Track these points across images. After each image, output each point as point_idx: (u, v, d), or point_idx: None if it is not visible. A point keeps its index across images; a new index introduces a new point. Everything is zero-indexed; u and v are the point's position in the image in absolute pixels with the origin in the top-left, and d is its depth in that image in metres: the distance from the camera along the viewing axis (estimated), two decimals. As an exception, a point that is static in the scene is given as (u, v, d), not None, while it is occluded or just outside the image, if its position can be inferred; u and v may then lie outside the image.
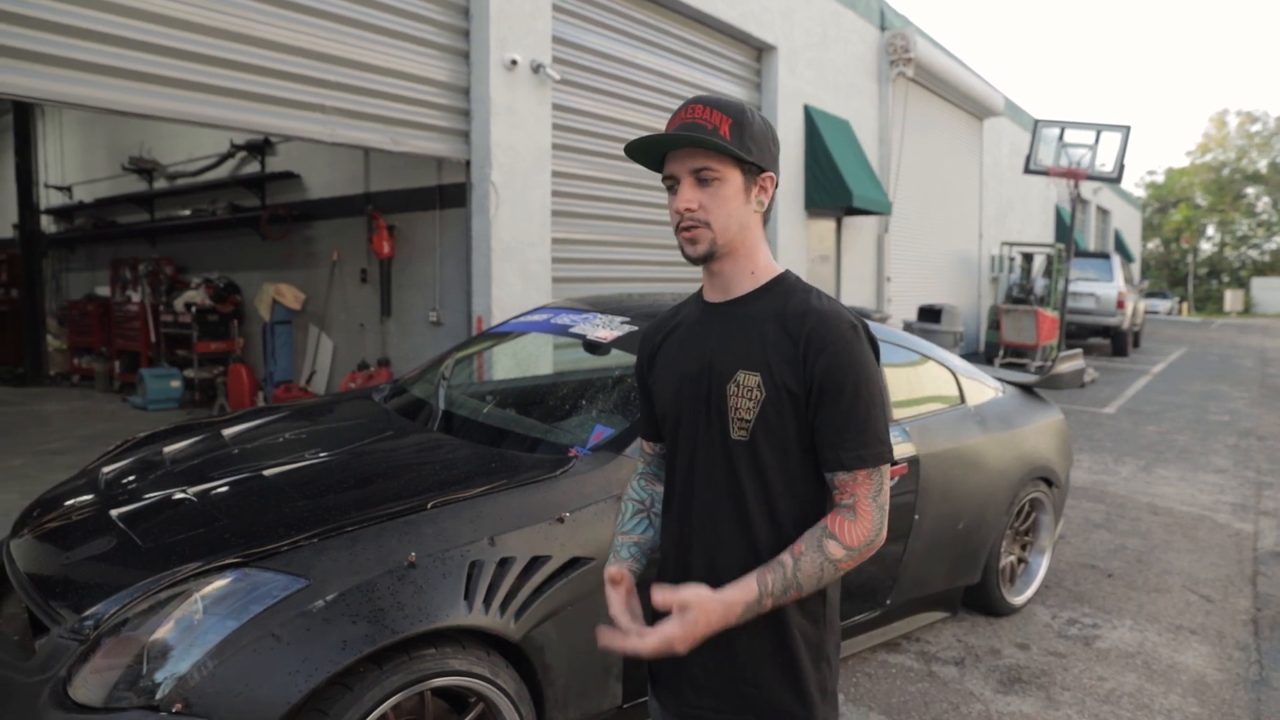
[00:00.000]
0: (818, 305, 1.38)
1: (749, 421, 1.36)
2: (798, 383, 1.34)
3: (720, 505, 1.40)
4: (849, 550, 1.31)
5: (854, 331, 1.35)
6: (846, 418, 1.32)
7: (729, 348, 1.40)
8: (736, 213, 1.38)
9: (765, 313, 1.40)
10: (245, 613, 1.86)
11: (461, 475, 2.42)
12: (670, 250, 8.18)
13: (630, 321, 3.14)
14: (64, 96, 4.15)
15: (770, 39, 9.22)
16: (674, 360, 1.49)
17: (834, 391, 1.32)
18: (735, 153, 1.34)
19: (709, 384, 1.41)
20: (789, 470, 1.37)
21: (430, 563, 2.04)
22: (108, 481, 2.65)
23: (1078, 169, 11.49)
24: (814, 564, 1.30)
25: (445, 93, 6.03)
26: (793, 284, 1.44)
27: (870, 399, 1.33)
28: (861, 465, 1.32)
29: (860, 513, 1.33)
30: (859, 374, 1.33)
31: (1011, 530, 3.97)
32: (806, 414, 1.35)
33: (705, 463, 1.42)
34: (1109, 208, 29.03)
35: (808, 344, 1.34)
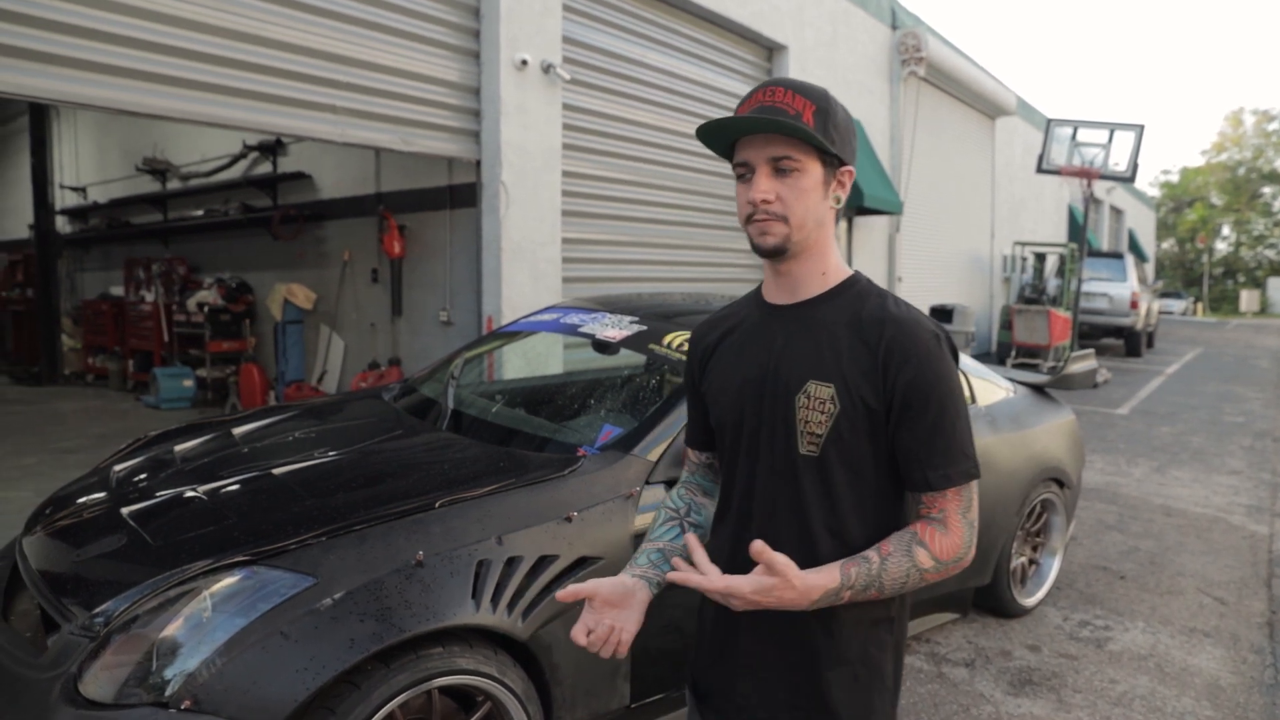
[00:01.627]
0: (896, 312, 1.28)
1: (820, 436, 1.26)
2: (876, 397, 1.25)
3: (782, 525, 1.31)
4: (937, 562, 1.24)
5: (937, 341, 1.26)
6: (932, 434, 1.24)
7: (798, 355, 1.30)
8: (814, 207, 1.27)
9: (839, 318, 1.30)
10: (254, 610, 1.87)
11: (470, 474, 2.43)
12: (680, 250, 8.19)
13: (639, 321, 3.14)
14: (77, 97, 4.18)
15: (781, 38, 9.20)
16: (733, 366, 1.38)
17: (919, 407, 1.24)
18: (820, 141, 1.23)
19: (775, 394, 1.31)
20: (861, 490, 1.28)
21: (438, 562, 2.04)
22: (119, 480, 2.66)
23: (1091, 168, 11.42)
24: (900, 568, 1.23)
25: (455, 93, 6.04)
26: (866, 287, 1.34)
27: (956, 413, 1.25)
28: (950, 484, 1.25)
29: (951, 527, 1.25)
30: (944, 387, 1.25)
31: (1022, 531, 3.95)
32: (886, 430, 1.26)
33: (767, 478, 1.32)
34: (1123, 207, 28.84)
35: (888, 354, 1.24)
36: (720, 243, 8.77)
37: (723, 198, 8.71)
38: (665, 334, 2.99)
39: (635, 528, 2.40)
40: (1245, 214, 56.64)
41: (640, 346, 3.00)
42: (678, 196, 8.08)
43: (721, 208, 8.71)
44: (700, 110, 8.30)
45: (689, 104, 8.17)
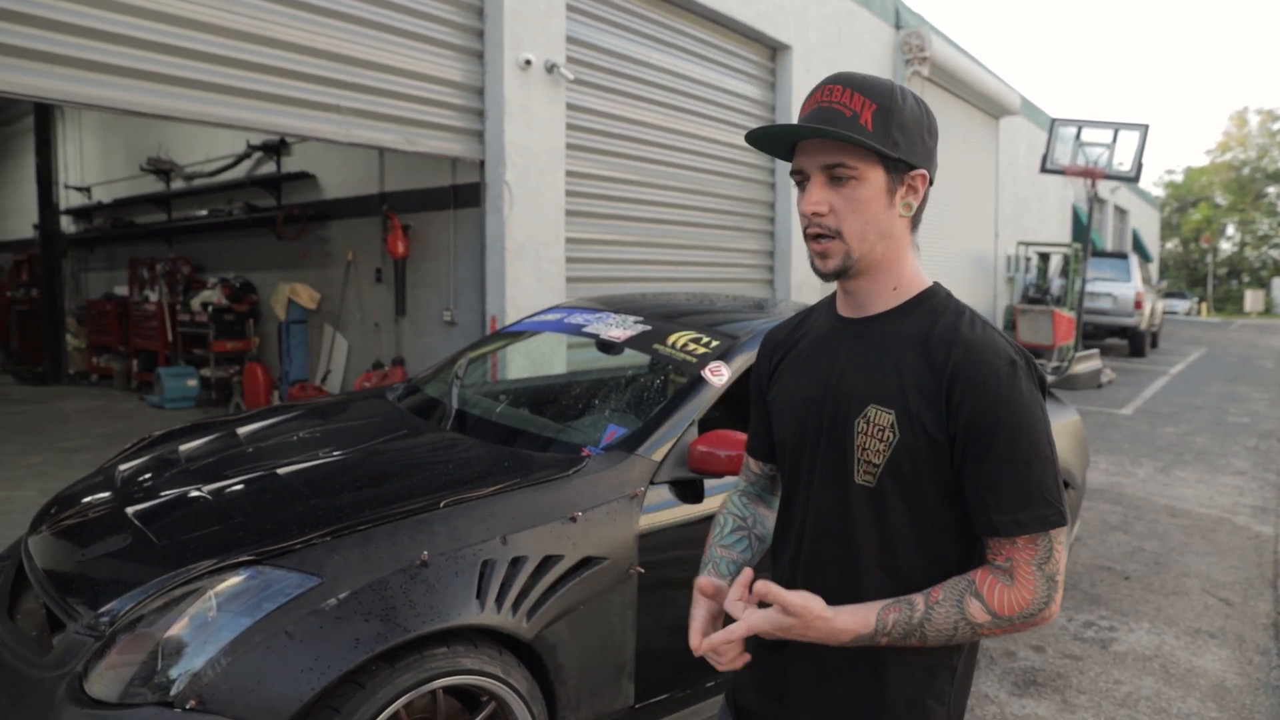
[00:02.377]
0: (968, 334, 1.15)
1: (877, 466, 1.16)
2: (939, 427, 1.12)
3: (829, 556, 1.22)
4: (996, 618, 1.10)
5: (1011, 369, 1.12)
6: (1000, 473, 1.10)
7: (859, 375, 1.20)
8: (876, 219, 1.16)
9: (906, 336, 1.18)
10: (258, 610, 1.87)
11: (474, 474, 2.43)
12: (684, 250, 8.18)
13: (643, 321, 3.14)
14: (82, 98, 4.19)
15: (785, 38, 9.19)
16: (797, 381, 1.29)
17: (985, 441, 1.10)
18: (875, 147, 1.13)
19: (833, 416, 1.21)
20: (921, 527, 1.17)
21: (443, 561, 2.04)
22: (124, 479, 2.66)
23: (1095, 168, 11.41)
24: (947, 620, 1.11)
25: (459, 93, 6.04)
26: (942, 301, 1.22)
27: (1033, 451, 1.10)
28: (1021, 531, 1.10)
29: (1019, 579, 1.11)
30: (1016, 420, 1.10)
31: (1027, 532, 3.93)
32: (951, 464, 1.14)
33: (820, 506, 1.23)
34: (1127, 207, 28.80)
35: (953, 380, 1.12)
36: (725, 242, 8.76)
37: (727, 197, 8.70)
38: (669, 334, 2.99)
39: (640, 528, 2.39)
40: (1250, 214, 56.50)
41: (644, 347, 3.00)
42: (682, 196, 8.08)
43: (726, 207, 8.71)
44: (704, 110, 8.30)
45: (693, 104, 8.16)
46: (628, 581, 2.35)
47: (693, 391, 2.69)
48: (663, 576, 2.45)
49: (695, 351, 2.85)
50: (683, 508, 2.52)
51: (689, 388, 2.71)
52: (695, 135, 8.21)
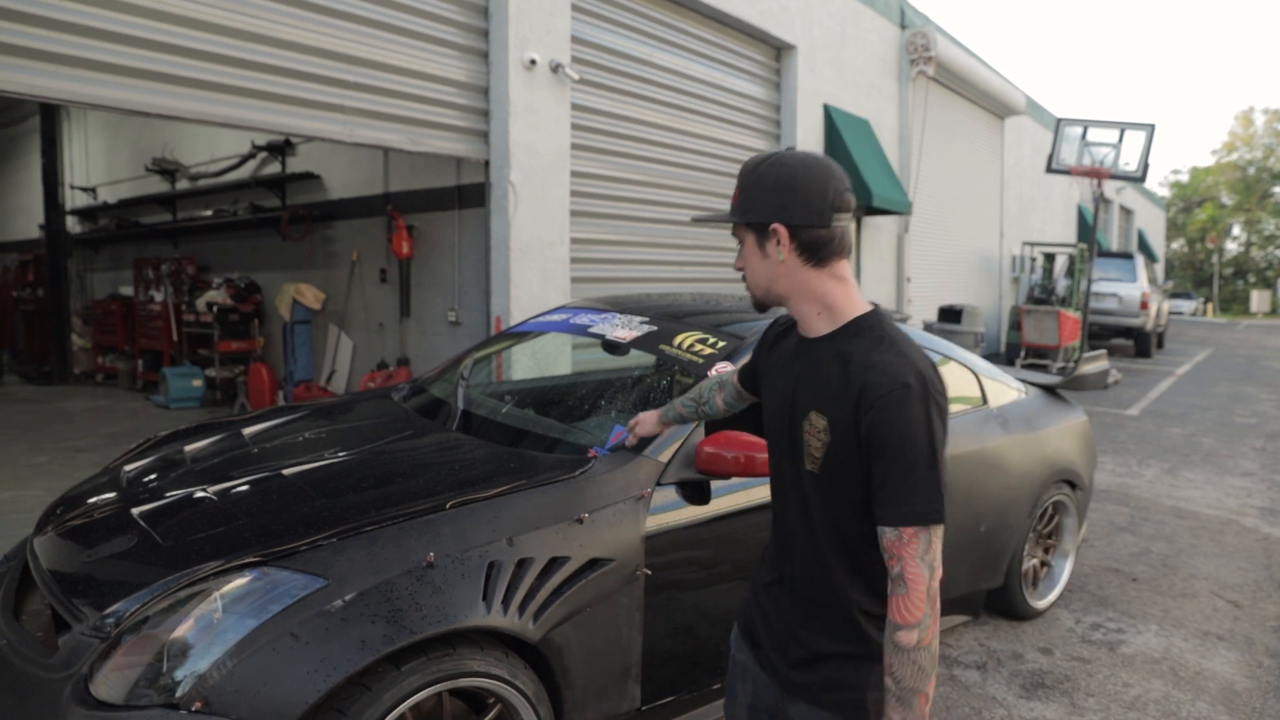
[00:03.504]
0: (877, 358, 1.37)
1: (818, 459, 1.42)
2: (853, 434, 1.37)
3: (797, 522, 1.52)
4: (916, 626, 1.30)
5: (905, 390, 1.33)
6: (888, 475, 1.32)
7: (806, 385, 1.47)
8: (758, 269, 1.49)
9: (836, 356, 1.42)
10: (264, 612, 1.86)
11: (480, 475, 2.42)
12: (689, 250, 8.18)
13: (649, 322, 3.13)
14: (86, 98, 4.19)
15: (789, 38, 9.18)
16: (776, 382, 1.59)
17: (878, 448, 1.33)
18: (735, 219, 1.50)
19: (790, 415, 1.50)
20: (855, 502, 1.40)
21: (449, 563, 2.03)
22: (129, 480, 2.66)
23: (1101, 168, 11.36)
24: (904, 665, 1.30)
25: (464, 93, 6.03)
26: (870, 328, 1.44)
27: (915, 458, 1.31)
28: (903, 523, 1.31)
29: (909, 579, 1.30)
30: (904, 432, 1.31)
31: (1034, 533, 3.92)
32: (865, 464, 1.37)
33: (786, 483, 1.54)
34: (1132, 207, 28.73)
35: (859, 398, 1.35)
36: (730, 243, 8.73)
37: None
38: (676, 335, 2.98)
39: (647, 529, 2.39)
40: (1256, 214, 56.31)
41: (651, 347, 2.99)
42: (687, 197, 8.07)
43: (730, 208, 8.67)
44: (709, 110, 8.29)
45: (698, 104, 8.15)
46: (634, 583, 2.34)
47: (699, 392, 2.67)
48: (670, 578, 2.44)
49: (702, 352, 2.84)
50: (689, 509, 2.51)
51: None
52: (700, 135, 8.20)
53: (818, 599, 1.50)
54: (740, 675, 1.68)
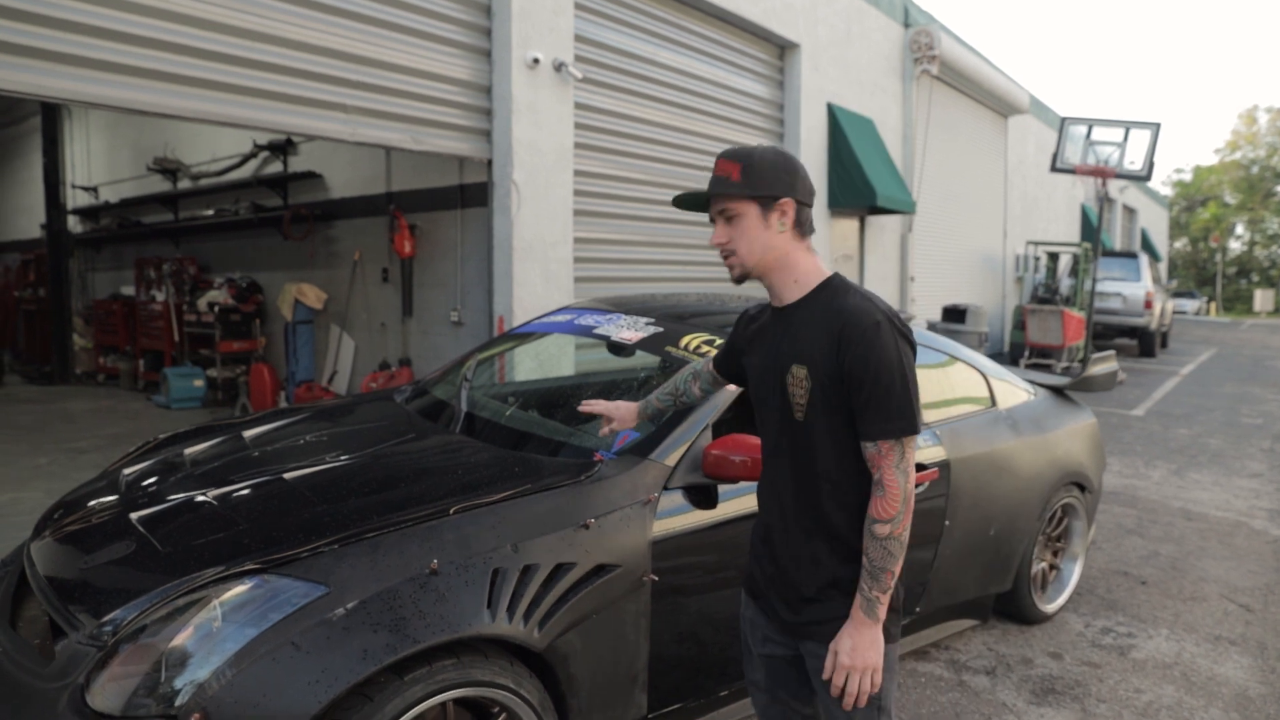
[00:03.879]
0: (849, 304, 1.66)
1: (803, 406, 1.69)
2: (836, 373, 1.64)
3: (788, 467, 1.77)
4: (890, 520, 1.62)
5: (876, 327, 1.62)
6: (869, 399, 1.62)
7: (785, 346, 1.73)
8: (759, 238, 1.70)
9: (811, 315, 1.70)
10: (264, 620, 1.82)
11: (484, 479, 2.38)
12: (693, 250, 8.14)
13: (655, 323, 3.09)
14: (86, 96, 4.15)
15: (793, 36, 9.13)
16: (757, 354, 1.84)
17: (859, 377, 1.61)
18: (740, 192, 1.68)
19: (775, 375, 1.75)
20: (839, 442, 1.68)
21: (453, 570, 2.00)
22: (128, 483, 2.62)
23: (1106, 167, 11.31)
24: (876, 549, 1.64)
25: (467, 91, 5.99)
26: (836, 287, 1.72)
27: (890, 382, 1.61)
28: (884, 437, 1.62)
29: (887, 484, 1.62)
30: (879, 361, 1.60)
31: (1043, 536, 3.88)
32: (846, 398, 1.65)
33: (777, 436, 1.78)
34: (1135, 206, 28.64)
35: (839, 340, 1.63)
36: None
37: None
38: (682, 336, 2.94)
39: (653, 534, 2.35)
40: (1259, 212, 56.12)
41: (656, 348, 2.95)
42: (690, 196, 8.01)
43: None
44: (713, 109, 8.25)
45: (702, 103, 8.11)
46: (641, 590, 2.31)
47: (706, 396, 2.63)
48: (676, 584, 2.40)
49: (708, 354, 2.79)
50: (696, 514, 2.47)
51: (702, 391, 2.65)
52: (704, 134, 8.15)
53: (807, 533, 1.75)
54: (750, 629, 1.93)
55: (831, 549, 1.73)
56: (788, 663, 1.87)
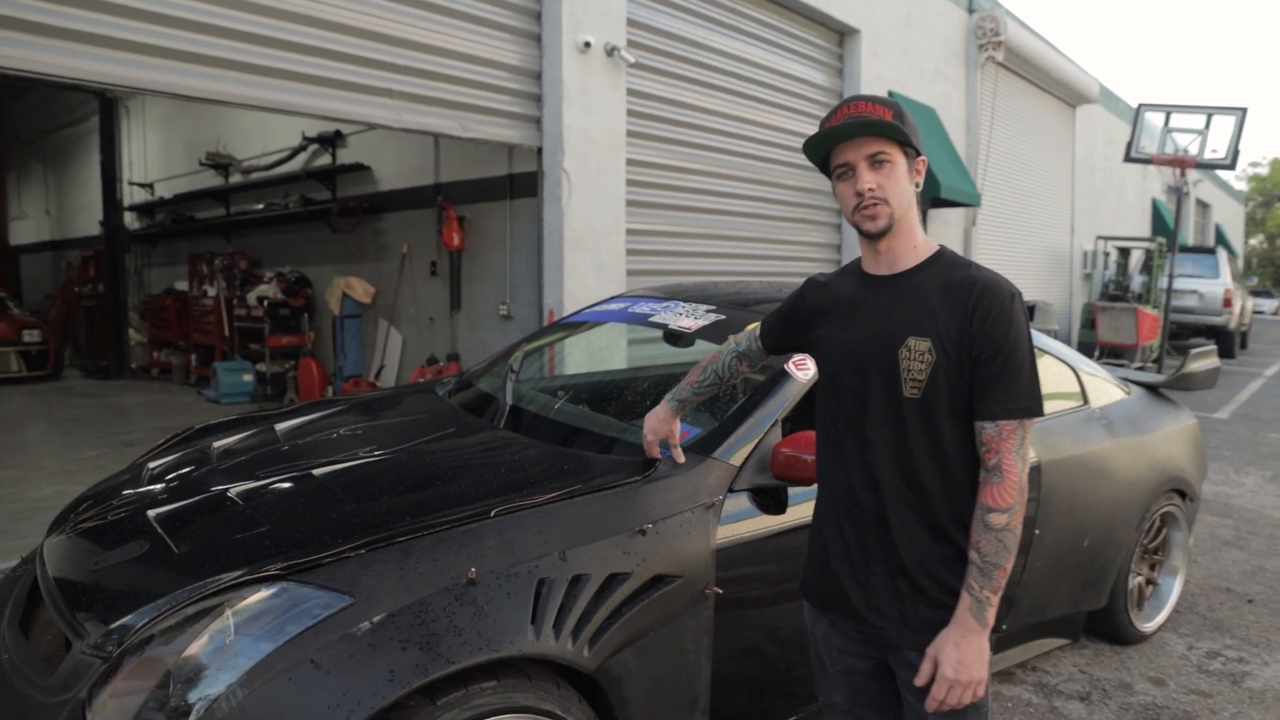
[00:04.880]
0: (980, 275, 1.54)
1: (921, 382, 1.52)
2: (963, 345, 1.50)
3: (887, 452, 1.56)
4: (1006, 510, 1.47)
5: (1011, 299, 1.51)
6: (998, 374, 1.48)
7: (900, 316, 1.56)
8: (906, 191, 1.56)
9: (931, 284, 1.55)
10: (281, 634, 1.62)
11: (530, 479, 2.15)
12: (751, 243, 7.85)
13: (716, 310, 2.84)
14: (129, 81, 4.04)
15: (853, 21, 8.78)
16: (845, 327, 1.64)
17: (992, 351, 1.48)
18: (907, 136, 1.53)
19: (880, 348, 1.56)
20: (959, 425, 1.53)
21: (493, 580, 1.77)
22: (151, 478, 2.45)
23: (1185, 156, 10.71)
24: (990, 542, 1.47)
25: (516, 77, 5.80)
26: (952, 258, 1.60)
27: (1021, 359, 1.49)
28: (1007, 416, 1.48)
29: (1005, 469, 1.47)
30: (1016, 335, 1.49)
31: (1140, 548, 3.53)
32: (969, 372, 1.51)
33: (877, 417, 1.57)
34: (1209, 201, 27.45)
35: (973, 310, 1.49)
36: (792, 235, 8.40)
37: (795, 189, 8.33)
38: (746, 324, 2.68)
39: (717, 541, 2.09)
40: (1339, 209, 53.63)
41: (718, 338, 2.68)
42: (748, 187, 7.74)
43: (793, 199, 8.34)
44: (769, 97, 7.95)
45: (758, 90, 7.81)
46: (703, 603, 2.06)
47: (775, 387, 2.38)
48: (742, 597, 2.15)
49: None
50: (764, 519, 2.22)
51: (771, 383, 2.40)
52: (760, 123, 7.85)
53: (906, 526, 1.55)
54: (824, 646, 1.73)
55: (935, 544, 1.55)
56: (870, 676, 1.67)
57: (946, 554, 1.55)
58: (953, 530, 1.54)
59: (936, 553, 1.55)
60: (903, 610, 1.57)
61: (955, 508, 1.54)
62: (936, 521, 1.55)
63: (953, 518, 1.54)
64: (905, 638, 1.57)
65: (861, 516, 1.60)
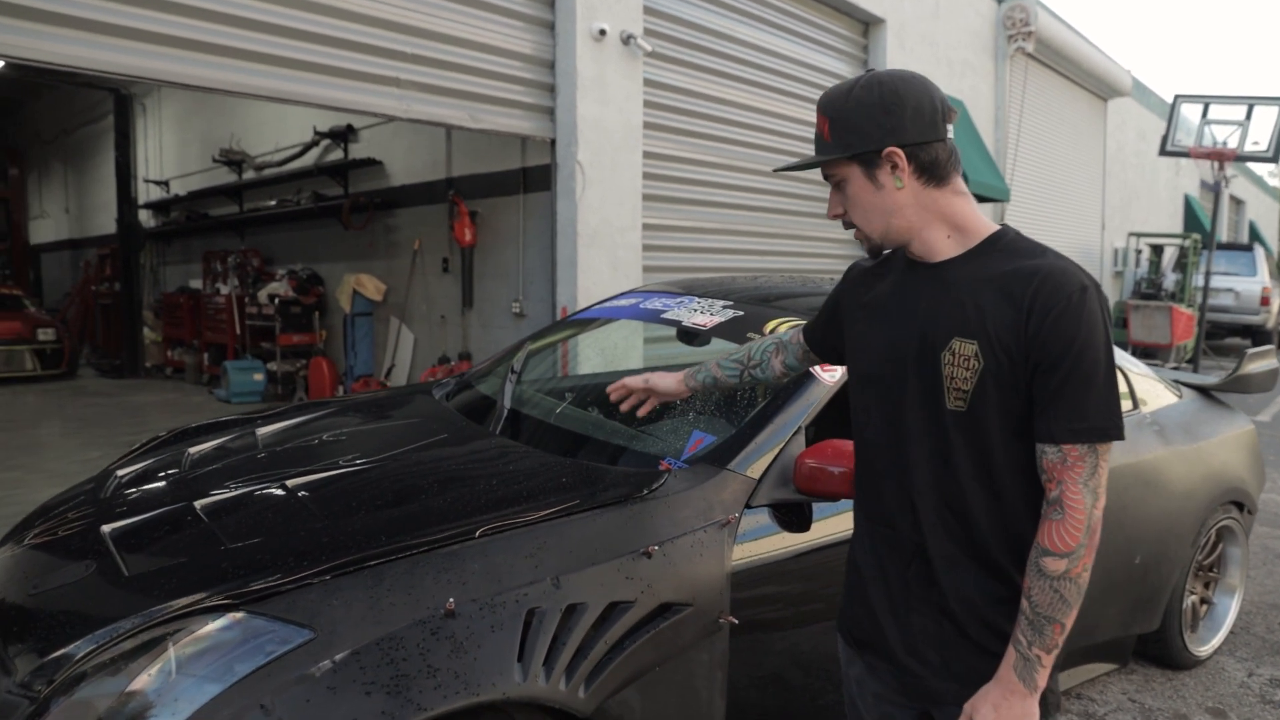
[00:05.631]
0: (1044, 263, 1.24)
1: (966, 392, 1.25)
2: (1019, 349, 1.21)
3: (927, 473, 1.31)
4: (1067, 555, 1.18)
5: (1082, 294, 1.20)
6: (1062, 387, 1.19)
7: (942, 313, 1.28)
8: (872, 206, 1.30)
9: (981, 276, 1.27)
10: (229, 674, 1.41)
11: (523, 493, 1.93)
12: (774, 239, 7.61)
13: (734, 306, 2.61)
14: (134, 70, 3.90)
15: (878, 11, 8.50)
16: (878, 325, 1.39)
17: (1055, 358, 1.19)
18: (833, 155, 1.29)
19: (919, 351, 1.30)
20: (1012, 442, 1.25)
21: (475, 611, 1.55)
22: (116, 487, 2.26)
23: (1224, 149, 10.32)
24: (1044, 592, 1.20)
25: (529, 66, 5.59)
26: (1012, 242, 1.30)
27: (1094, 368, 1.19)
28: (1073, 440, 1.19)
29: (1069, 504, 1.19)
30: (1085, 339, 1.19)
31: (1195, 565, 3.26)
32: (1027, 381, 1.22)
33: (915, 431, 1.32)
34: (1242, 197, 26.81)
35: (1031, 307, 1.21)
36: (814, 231, 8.13)
37: (817, 183, 8.07)
38: (767, 321, 2.45)
39: (732, 564, 1.87)
40: (1376, 206, 52.42)
41: (736, 336, 2.46)
42: (769, 181, 7.49)
43: (816, 194, 8.08)
44: (791, 89, 7.69)
45: (779, 81, 7.56)
46: (717, 634, 1.83)
47: (798, 391, 2.14)
48: (757, 619, 1.92)
49: (799, 339, 2.30)
50: (785, 537, 1.99)
51: (793, 386, 2.16)
52: (782, 115, 7.60)
53: (949, 562, 1.31)
54: (859, 690, 1.50)
55: (983, 580, 1.30)
56: None
57: (998, 592, 1.29)
58: (1005, 564, 1.29)
59: (985, 590, 1.30)
60: (946, 656, 1.33)
61: (1009, 538, 1.28)
62: (985, 554, 1.29)
63: (1006, 550, 1.28)
64: (948, 689, 1.33)
65: (900, 545, 1.36)
